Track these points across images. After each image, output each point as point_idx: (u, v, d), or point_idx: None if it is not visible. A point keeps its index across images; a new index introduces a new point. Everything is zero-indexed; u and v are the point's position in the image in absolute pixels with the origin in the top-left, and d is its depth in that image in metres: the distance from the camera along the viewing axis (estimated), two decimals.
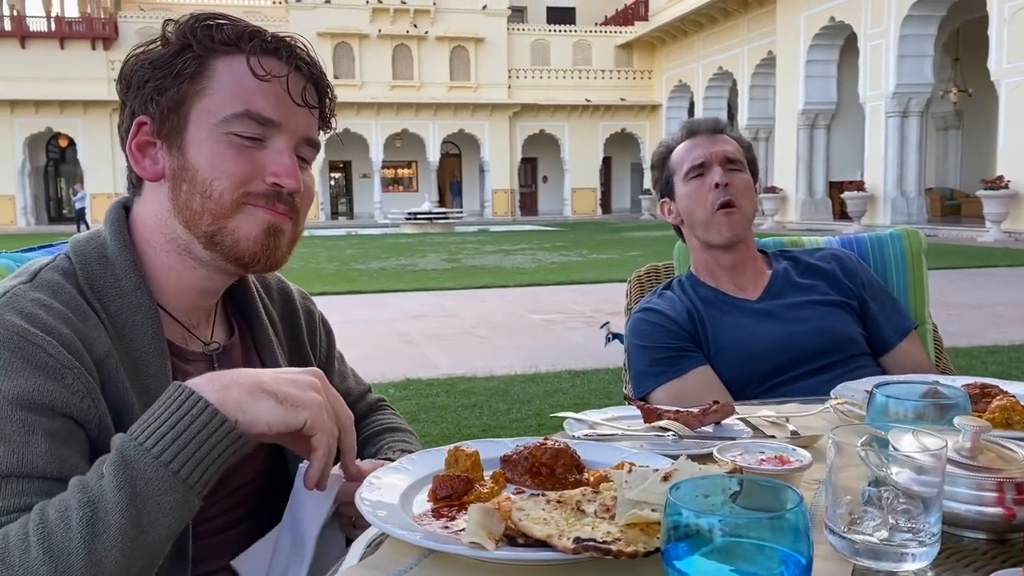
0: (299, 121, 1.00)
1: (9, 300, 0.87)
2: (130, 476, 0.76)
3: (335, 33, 33.22)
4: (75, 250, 0.97)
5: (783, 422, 1.13)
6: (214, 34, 0.96)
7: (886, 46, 20.17)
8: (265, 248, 0.98)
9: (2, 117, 31.29)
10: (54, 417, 0.82)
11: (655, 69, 35.84)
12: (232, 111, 0.95)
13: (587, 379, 5.56)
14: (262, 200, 0.97)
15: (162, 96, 0.95)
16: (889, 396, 0.94)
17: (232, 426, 0.80)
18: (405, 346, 7.14)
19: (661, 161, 1.90)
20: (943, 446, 0.72)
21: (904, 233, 2.06)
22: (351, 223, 33.77)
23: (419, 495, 0.87)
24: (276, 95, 0.97)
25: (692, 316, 1.76)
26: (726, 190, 1.75)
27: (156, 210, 0.99)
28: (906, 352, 1.76)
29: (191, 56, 0.95)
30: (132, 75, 0.97)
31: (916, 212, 20.53)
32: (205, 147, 0.95)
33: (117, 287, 0.95)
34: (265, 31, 0.99)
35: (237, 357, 1.09)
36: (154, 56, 0.96)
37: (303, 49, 1.01)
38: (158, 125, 0.96)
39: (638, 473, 0.75)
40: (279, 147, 0.98)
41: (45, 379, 0.82)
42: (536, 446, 0.91)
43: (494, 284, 11.57)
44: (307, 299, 1.27)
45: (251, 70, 0.96)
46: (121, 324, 0.93)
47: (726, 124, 1.90)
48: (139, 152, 0.98)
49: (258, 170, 0.97)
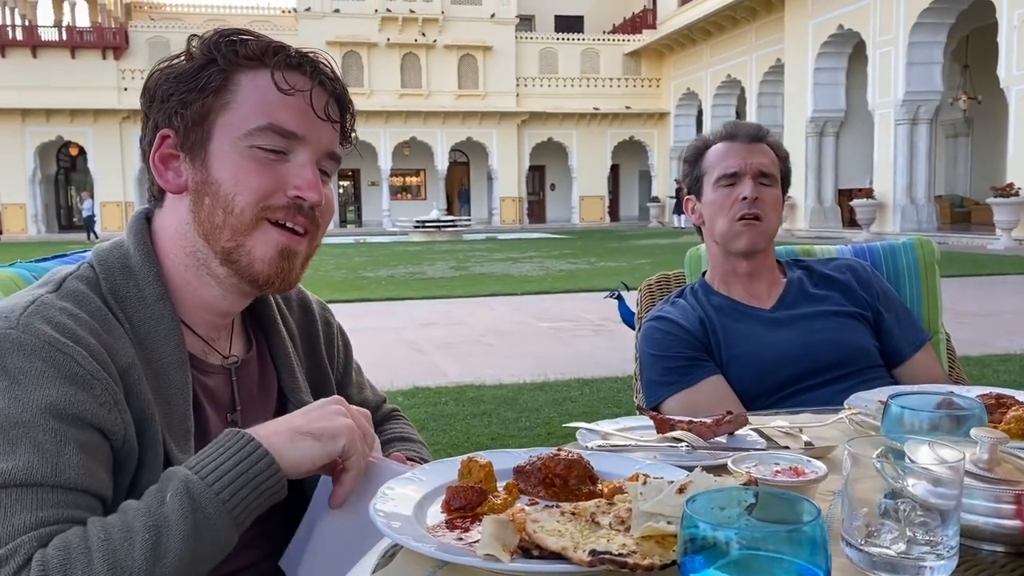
0: (322, 135, 1.00)
1: (38, 308, 0.87)
2: (194, 509, 0.81)
3: (344, 42, 33.35)
4: (99, 259, 0.98)
5: (797, 432, 1.12)
6: (238, 48, 0.97)
7: (895, 53, 20.14)
8: (279, 270, 0.99)
9: (13, 126, 31.50)
10: (83, 428, 0.83)
11: (663, 77, 35.86)
12: (256, 124, 0.96)
13: (596, 387, 5.54)
14: (281, 213, 0.97)
15: (186, 109, 0.96)
16: (904, 407, 0.93)
17: (282, 476, 0.87)
18: (414, 354, 7.14)
19: (695, 157, 1.85)
20: (961, 458, 0.71)
21: (917, 243, 2.05)
22: (360, 231, 33.84)
23: (433, 506, 0.87)
24: (299, 109, 0.98)
25: (705, 325, 1.75)
26: (754, 204, 1.72)
27: (177, 222, 0.99)
28: (920, 364, 1.75)
29: (216, 70, 0.96)
30: (156, 89, 0.98)
31: (926, 220, 20.46)
32: (228, 160, 0.96)
33: (140, 297, 0.96)
34: (289, 46, 1.00)
35: (254, 371, 1.10)
36: (179, 70, 0.97)
37: (326, 65, 1.02)
38: (182, 138, 0.97)
39: (653, 485, 0.75)
40: (302, 160, 0.98)
41: (75, 389, 0.83)
42: (549, 457, 0.91)
43: (502, 292, 11.57)
44: (326, 310, 1.27)
45: (275, 84, 0.97)
46: (144, 334, 0.94)
47: (768, 132, 1.85)
48: (162, 164, 0.99)
49: (280, 183, 0.97)
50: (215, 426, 1.01)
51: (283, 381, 1.11)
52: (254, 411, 1.07)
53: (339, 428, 0.91)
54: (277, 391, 1.11)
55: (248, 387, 1.08)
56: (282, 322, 1.15)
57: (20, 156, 31.70)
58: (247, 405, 1.06)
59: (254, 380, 1.09)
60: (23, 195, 32.07)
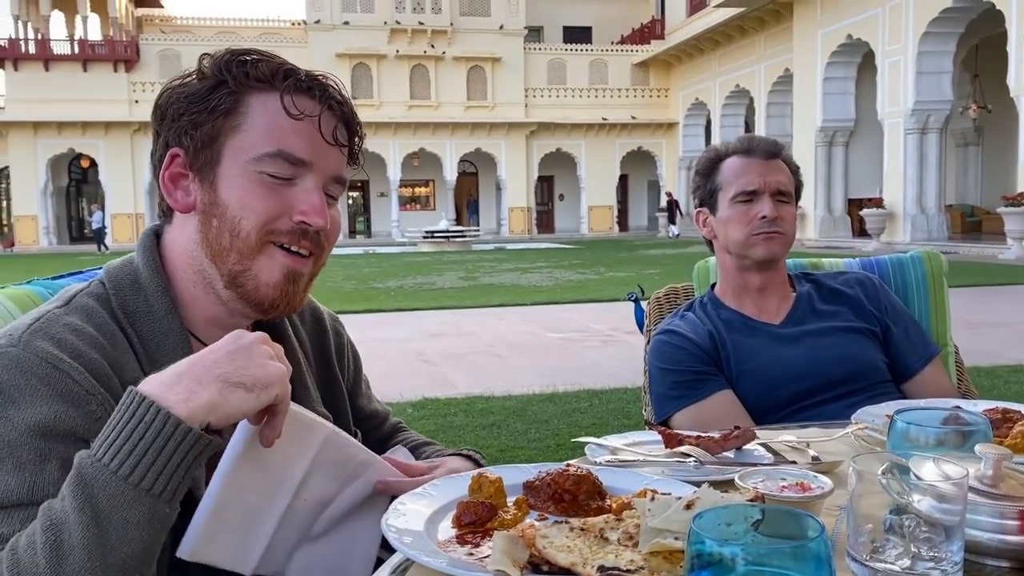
0: (329, 160, 1.01)
1: (42, 325, 0.89)
2: (90, 494, 0.74)
3: (353, 54, 33.55)
4: (109, 276, 1.00)
5: (804, 447, 1.13)
6: (249, 70, 0.98)
7: (904, 63, 20.11)
8: (284, 294, 1.00)
9: (26, 139, 31.78)
10: (72, 444, 0.83)
11: (672, 87, 35.90)
12: (265, 150, 0.97)
13: (606, 399, 5.54)
14: (287, 237, 0.98)
15: (196, 130, 0.97)
16: (910, 422, 0.94)
17: (188, 428, 0.77)
18: (422, 365, 7.16)
19: (708, 170, 1.83)
20: (965, 474, 0.72)
21: (925, 256, 2.05)
22: (369, 241, 33.93)
23: (444, 521, 0.88)
24: (308, 134, 0.99)
25: (714, 339, 1.76)
26: (773, 223, 1.72)
27: (185, 240, 1.01)
28: (929, 378, 1.75)
29: (226, 92, 0.97)
30: (168, 107, 0.99)
31: (936, 229, 20.39)
32: (236, 184, 0.97)
33: (150, 312, 0.97)
34: (299, 69, 1.01)
35: None
36: (190, 90, 0.98)
37: (335, 88, 1.02)
38: (191, 158, 0.98)
39: (661, 501, 0.76)
40: (308, 186, 0.99)
41: (68, 406, 0.84)
42: (559, 472, 0.92)
43: (511, 302, 11.58)
44: (337, 322, 1.28)
45: (284, 109, 0.97)
46: (153, 349, 0.96)
47: (783, 147, 1.84)
48: (172, 183, 1.00)
49: (287, 208, 0.98)
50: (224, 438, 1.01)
51: (296, 393, 1.12)
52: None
53: (271, 375, 0.83)
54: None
55: None
56: (294, 333, 1.16)
57: (32, 169, 31.96)
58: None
59: None
60: (35, 207, 32.32)
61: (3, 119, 31.74)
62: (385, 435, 1.34)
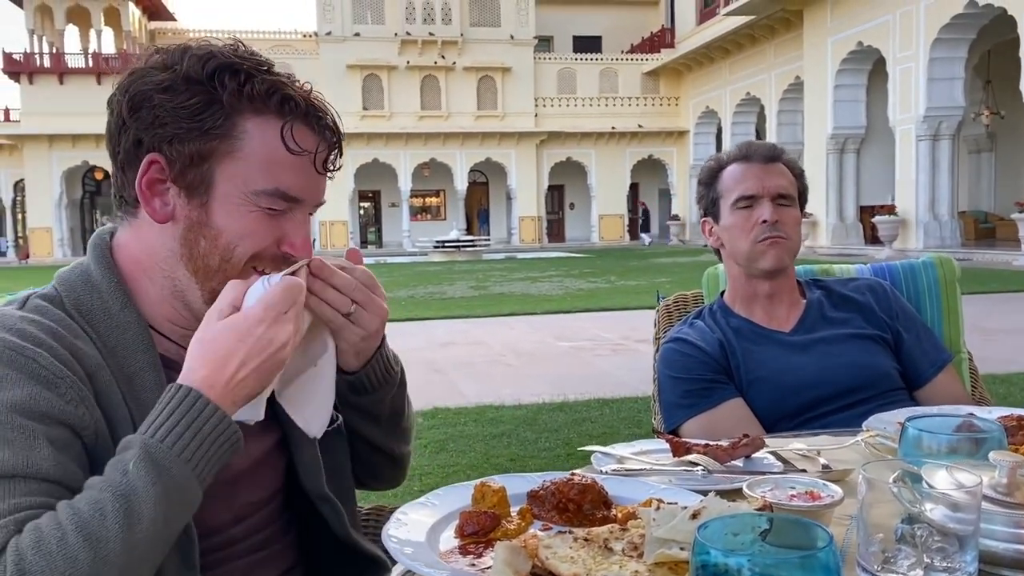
0: (318, 190, 1.02)
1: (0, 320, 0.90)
2: (161, 472, 0.81)
3: (364, 65, 33.70)
4: (60, 280, 1.00)
5: (814, 455, 1.11)
6: (243, 87, 0.95)
7: (915, 69, 20.02)
8: None
9: (41, 152, 32.06)
10: (52, 425, 0.84)
11: (682, 95, 35.88)
12: (263, 187, 0.97)
13: (616, 407, 5.52)
14: (269, 263, 0.99)
15: (184, 145, 0.94)
16: (922, 430, 0.92)
17: (236, 428, 0.87)
18: (433, 374, 7.14)
19: (710, 178, 1.83)
20: (978, 482, 0.70)
21: (937, 261, 2.03)
22: (380, 251, 34.00)
23: (446, 531, 0.87)
24: (304, 170, 0.99)
25: (724, 347, 1.74)
26: (774, 227, 1.71)
27: (157, 246, 0.99)
28: (942, 385, 1.73)
29: (220, 112, 0.94)
30: (141, 103, 0.95)
31: (949, 236, 20.25)
32: (236, 214, 0.97)
33: (104, 308, 0.97)
34: (293, 90, 0.98)
35: None
36: (178, 101, 0.94)
37: (330, 116, 1.01)
38: (176, 172, 0.96)
39: (666, 511, 0.75)
40: (298, 219, 1.01)
41: (40, 388, 0.85)
42: (563, 482, 0.90)
43: (521, 311, 11.56)
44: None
45: (284, 143, 0.96)
46: (113, 344, 0.95)
47: (782, 150, 1.83)
48: (148, 190, 0.97)
49: (275, 238, 0.99)
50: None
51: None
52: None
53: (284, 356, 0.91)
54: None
55: None
56: None
57: (47, 181, 32.22)
58: None
59: None
60: (49, 219, 32.57)
61: (19, 132, 32.04)
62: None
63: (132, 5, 33.25)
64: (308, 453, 1.10)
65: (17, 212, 35.72)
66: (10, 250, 35.30)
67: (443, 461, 4.32)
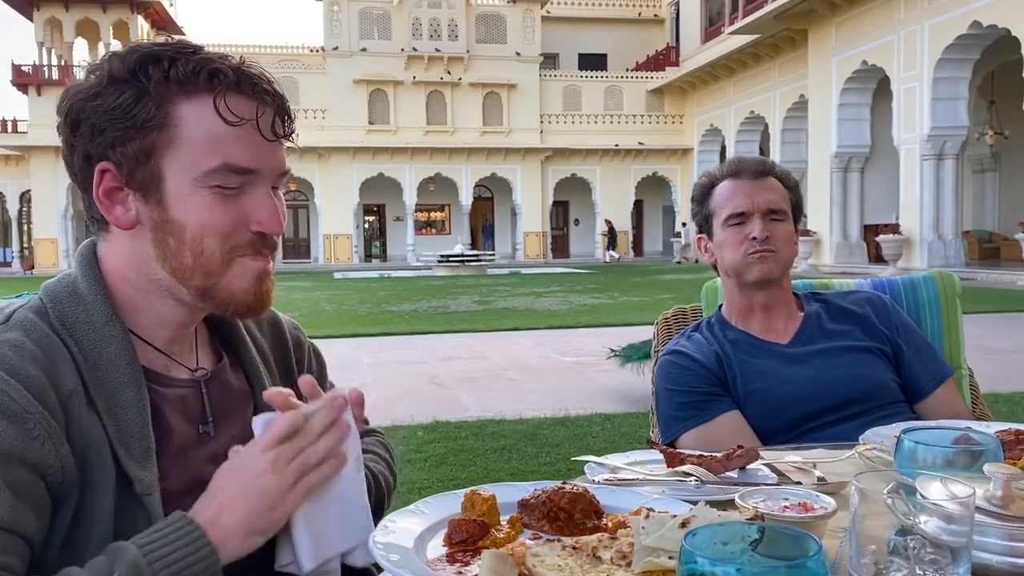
0: (274, 158, 0.98)
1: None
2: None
3: (371, 80, 33.87)
4: (46, 291, 0.98)
5: (810, 468, 1.10)
6: (168, 72, 0.92)
7: (920, 89, 20.06)
8: (257, 295, 0.99)
9: (47, 163, 32.20)
10: (12, 466, 0.82)
11: (686, 113, 35.99)
12: (210, 166, 0.93)
13: (618, 423, 5.49)
14: (249, 250, 0.97)
15: (126, 146, 0.93)
16: (918, 442, 0.91)
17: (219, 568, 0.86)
18: (435, 388, 7.13)
19: (702, 196, 1.84)
20: (971, 493, 0.69)
21: (937, 276, 2.02)
22: (384, 265, 34.05)
23: (434, 539, 0.86)
24: (250, 138, 0.95)
25: (720, 359, 1.74)
26: (765, 242, 1.71)
27: (133, 253, 0.98)
28: (942, 399, 1.71)
29: (151, 103, 0.92)
30: (79, 118, 0.94)
31: (953, 255, 20.22)
32: (191, 204, 0.94)
33: (89, 321, 0.95)
34: (223, 63, 0.95)
35: (228, 383, 1.09)
36: (108, 103, 0.92)
37: (264, 77, 0.97)
38: (126, 176, 0.94)
39: (655, 519, 0.74)
40: (259, 194, 0.97)
41: (7, 424, 0.83)
42: (554, 490, 0.90)
43: (525, 326, 11.54)
44: (298, 330, 1.26)
45: (220, 116, 0.93)
46: (95, 358, 0.93)
47: (773, 164, 1.83)
48: (108, 200, 0.96)
49: (242, 219, 0.96)
50: (184, 438, 1.00)
51: (256, 397, 1.10)
52: (231, 421, 1.06)
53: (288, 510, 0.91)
54: (253, 404, 1.10)
55: (222, 398, 1.07)
56: (253, 341, 1.14)
57: (53, 193, 32.37)
58: (221, 415, 1.05)
59: (229, 392, 1.08)
60: (55, 230, 32.71)
61: (26, 143, 32.22)
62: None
63: (140, 19, 33.51)
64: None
65: (23, 223, 35.88)
66: (15, 260, 35.42)
67: (443, 475, 4.30)
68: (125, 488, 0.90)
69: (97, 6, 32.76)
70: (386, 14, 34.39)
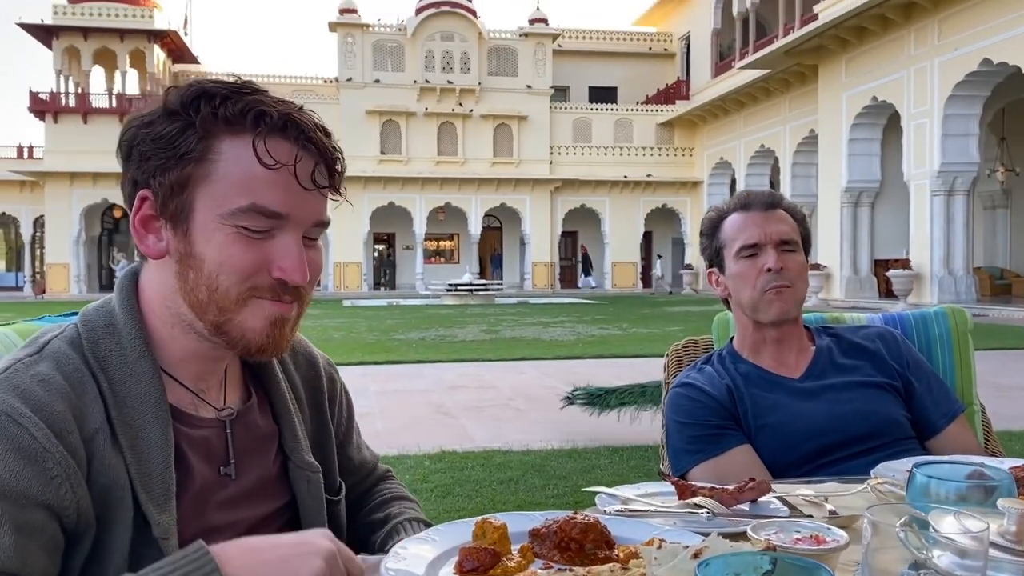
0: (308, 207, 0.96)
1: (9, 376, 0.88)
2: None
3: (383, 111, 34.21)
4: (84, 320, 0.98)
5: (821, 501, 1.10)
6: (217, 110, 0.93)
7: (930, 125, 20.12)
8: (270, 338, 0.97)
9: (62, 189, 32.55)
10: (24, 508, 0.82)
11: (696, 146, 36.16)
12: (238, 205, 0.92)
13: (626, 456, 5.46)
14: (268, 293, 0.95)
15: (165, 175, 0.93)
16: (930, 476, 0.91)
17: None
18: (442, 417, 7.11)
19: (711, 229, 1.85)
20: (985, 528, 0.69)
21: (949, 312, 2.02)
22: (392, 294, 34.12)
23: (445, 567, 0.86)
24: (284, 184, 0.93)
25: (732, 393, 1.73)
26: (780, 274, 1.71)
27: (160, 283, 0.98)
28: (954, 436, 1.70)
29: (194, 136, 0.92)
30: (133, 144, 0.95)
31: (965, 291, 20.14)
32: (213, 239, 0.93)
33: (122, 355, 0.95)
34: (272, 107, 0.94)
35: (253, 423, 1.07)
36: (157, 131, 0.93)
37: (311, 125, 0.96)
38: (161, 204, 0.95)
39: (668, 550, 0.74)
40: (287, 240, 0.95)
41: (24, 463, 0.82)
42: (565, 520, 0.89)
43: (532, 356, 11.52)
44: (332, 367, 1.25)
45: (258, 158, 0.92)
46: (124, 394, 0.93)
47: (781, 197, 1.84)
48: (143, 228, 0.97)
49: (264, 263, 0.94)
50: (204, 480, 0.98)
51: (284, 437, 1.09)
52: (253, 463, 1.05)
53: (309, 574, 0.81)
54: (279, 445, 1.09)
55: (246, 439, 1.05)
56: (286, 376, 1.13)
57: (67, 218, 32.66)
58: (244, 457, 1.04)
59: (254, 432, 1.06)
60: (67, 255, 32.94)
61: (41, 169, 32.58)
62: (371, 485, 1.31)
63: (157, 48, 34.00)
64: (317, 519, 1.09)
65: (36, 248, 36.16)
66: (27, 285, 35.64)
67: (449, 505, 4.27)
68: (142, 530, 0.90)
69: (115, 36, 33.27)
70: (399, 46, 34.81)
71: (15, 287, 37.28)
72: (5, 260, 40.45)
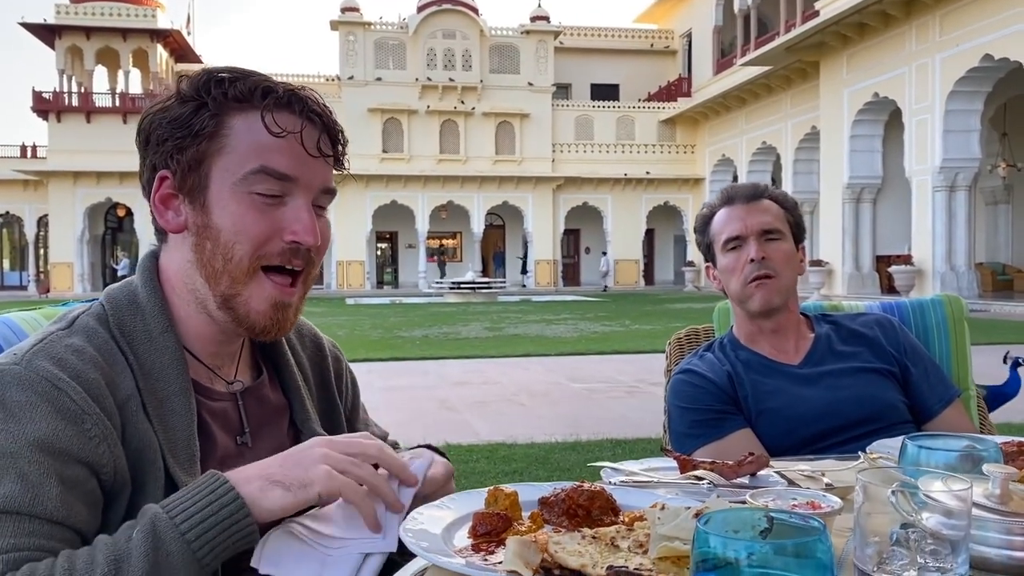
0: (316, 173, 1.03)
1: (45, 346, 0.93)
2: (156, 546, 0.82)
3: (385, 109, 34.27)
4: (108, 298, 1.04)
5: (818, 476, 1.14)
6: (227, 90, 1.00)
7: (932, 121, 20.12)
8: (273, 321, 1.03)
9: (65, 188, 32.65)
10: (68, 464, 0.87)
11: (698, 143, 36.18)
12: (249, 168, 0.99)
13: (629, 448, 5.50)
14: (277, 258, 1.01)
15: (182, 154, 1.00)
16: (921, 446, 0.95)
17: (252, 520, 0.86)
18: (446, 412, 7.16)
19: (703, 226, 1.91)
20: (968, 487, 0.74)
21: (945, 299, 2.06)
22: (396, 292, 34.19)
23: (460, 531, 0.90)
24: (292, 150, 1.01)
25: (732, 379, 1.77)
26: (763, 264, 1.75)
27: (179, 260, 1.04)
28: (950, 420, 1.74)
29: (207, 114, 1.00)
30: (151, 131, 1.02)
31: (966, 287, 20.15)
32: (228, 207, 1.00)
33: (146, 331, 1.01)
34: (277, 85, 1.02)
35: (265, 397, 1.13)
36: (172, 115, 1.00)
37: (314, 100, 1.04)
38: (179, 181, 1.01)
39: (671, 510, 0.78)
40: (298, 204, 1.02)
41: (65, 424, 0.88)
42: (573, 488, 0.94)
43: (535, 352, 11.57)
44: (336, 349, 1.31)
45: (266, 127, 1.00)
46: (149, 366, 0.99)
47: (766, 188, 1.88)
48: (163, 205, 1.03)
49: (277, 228, 1.01)
50: (224, 449, 1.05)
51: (294, 411, 1.15)
52: (266, 434, 1.11)
53: (313, 477, 0.89)
54: (290, 419, 1.15)
55: (258, 412, 1.11)
56: (293, 356, 1.19)
57: (70, 217, 32.77)
58: (257, 428, 1.10)
59: (266, 405, 1.13)
60: (71, 254, 33.05)
61: (44, 168, 32.67)
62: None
63: (160, 47, 34.09)
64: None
65: (40, 247, 36.26)
66: (31, 284, 35.75)
67: None
68: (172, 491, 0.94)
69: (118, 35, 33.36)
70: (401, 44, 34.86)
71: (19, 286, 37.40)
72: (9, 259, 40.59)
